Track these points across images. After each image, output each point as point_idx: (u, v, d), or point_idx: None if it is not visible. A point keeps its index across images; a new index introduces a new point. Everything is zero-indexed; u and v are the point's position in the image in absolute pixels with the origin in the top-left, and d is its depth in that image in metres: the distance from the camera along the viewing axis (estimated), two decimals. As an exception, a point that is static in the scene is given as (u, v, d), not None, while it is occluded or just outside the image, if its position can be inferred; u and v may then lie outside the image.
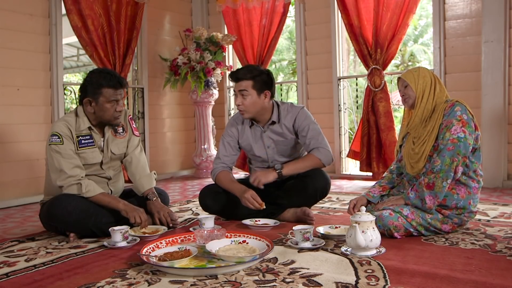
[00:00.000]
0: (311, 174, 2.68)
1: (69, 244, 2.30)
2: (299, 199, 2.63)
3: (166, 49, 5.04)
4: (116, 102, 2.44)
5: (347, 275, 1.70)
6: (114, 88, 2.41)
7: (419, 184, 2.18)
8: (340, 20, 4.53)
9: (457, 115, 2.15)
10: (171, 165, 5.23)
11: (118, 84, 2.42)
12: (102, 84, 2.40)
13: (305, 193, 2.63)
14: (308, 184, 2.63)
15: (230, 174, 2.74)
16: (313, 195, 2.67)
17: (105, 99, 2.41)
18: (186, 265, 1.84)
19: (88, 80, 2.44)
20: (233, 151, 2.79)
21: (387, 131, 4.10)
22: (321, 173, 2.69)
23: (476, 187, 2.24)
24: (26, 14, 3.77)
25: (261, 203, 2.46)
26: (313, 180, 2.64)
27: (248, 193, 2.48)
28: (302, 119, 2.70)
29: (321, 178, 2.67)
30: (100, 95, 2.40)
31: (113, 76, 2.43)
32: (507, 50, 3.72)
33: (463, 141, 2.11)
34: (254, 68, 2.67)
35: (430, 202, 2.14)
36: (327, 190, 2.71)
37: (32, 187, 3.77)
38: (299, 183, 2.65)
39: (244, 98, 2.61)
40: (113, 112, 2.44)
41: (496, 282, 1.59)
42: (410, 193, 2.20)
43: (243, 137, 2.79)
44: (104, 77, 2.41)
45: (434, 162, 2.14)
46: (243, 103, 2.62)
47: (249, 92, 2.60)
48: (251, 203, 2.46)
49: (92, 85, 2.41)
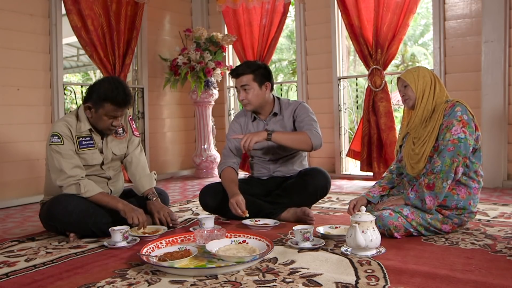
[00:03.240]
0: (311, 172, 2.70)
1: (69, 244, 2.30)
2: (299, 197, 2.64)
3: (166, 49, 5.05)
4: (114, 118, 2.41)
5: (347, 275, 1.70)
6: (118, 106, 2.37)
7: (419, 185, 2.17)
8: (340, 20, 4.53)
9: (457, 115, 2.15)
10: (171, 165, 5.23)
11: (123, 103, 2.37)
12: (107, 98, 2.34)
13: (306, 191, 2.64)
14: (309, 182, 2.64)
15: (233, 173, 2.75)
16: (314, 193, 2.68)
17: (104, 112, 2.38)
18: (186, 265, 1.84)
19: (96, 87, 2.40)
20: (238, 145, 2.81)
21: (388, 131, 4.10)
22: (321, 172, 2.72)
23: (476, 188, 2.24)
24: (26, 14, 3.77)
25: (244, 210, 2.50)
26: (314, 178, 2.66)
27: (234, 199, 2.52)
28: (302, 110, 2.77)
29: (321, 177, 2.68)
30: (101, 107, 2.37)
31: (121, 93, 2.35)
32: (507, 50, 3.72)
33: (464, 142, 2.11)
34: (252, 63, 2.79)
35: (430, 202, 2.14)
36: (327, 188, 2.72)
37: (32, 187, 3.77)
38: (299, 181, 2.67)
39: (247, 92, 2.69)
40: (108, 125, 2.42)
41: (496, 282, 1.59)
42: (410, 194, 2.19)
43: (246, 131, 2.84)
44: (112, 91, 2.34)
45: (435, 162, 2.14)
46: (246, 97, 2.69)
47: (250, 85, 2.69)
48: (234, 209, 2.51)
49: (98, 95, 2.37)
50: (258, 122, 2.83)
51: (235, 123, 2.90)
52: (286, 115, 2.78)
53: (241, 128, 2.87)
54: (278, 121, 2.78)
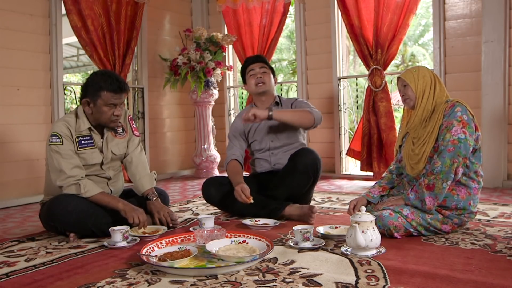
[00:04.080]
0: (299, 152, 2.75)
1: (69, 244, 2.30)
2: (292, 180, 2.67)
3: (166, 49, 5.05)
4: (114, 106, 2.42)
5: (347, 275, 1.70)
6: (114, 92, 2.39)
7: (419, 185, 2.17)
8: (340, 20, 4.53)
9: (457, 115, 2.14)
10: (171, 165, 5.23)
11: (118, 89, 2.40)
12: (102, 87, 2.38)
13: (297, 171, 2.67)
14: (298, 161, 2.68)
15: (239, 165, 2.85)
16: (305, 171, 2.68)
17: (103, 102, 2.39)
18: (186, 265, 1.84)
19: (89, 81, 2.44)
20: (241, 140, 2.96)
21: (388, 131, 4.10)
22: (309, 150, 2.77)
23: (476, 188, 2.23)
24: (26, 14, 3.77)
25: (249, 197, 2.56)
26: (302, 157, 2.70)
27: (239, 186, 2.59)
28: (300, 101, 2.97)
29: (310, 155, 2.72)
30: (98, 98, 2.39)
31: (115, 80, 2.41)
32: (507, 50, 3.72)
33: (464, 142, 2.11)
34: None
35: (430, 203, 2.14)
36: (317, 165, 2.72)
37: (32, 187, 3.77)
38: (289, 164, 2.74)
39: (264, 72, 2.90)
40: (110, 115, 2.43)
41: (496, 282, 1.59)
42: (410, 194, 2.19)
43: (248, 125, 2.93)
44: (105, 80, 2.39)
45: (435, 163, 2.13)
46: (263, 77, 2.89)
47: (267, 71, 2.92)
48: (239, 195, 2.56)
49: (93, 87, 2.41)
50: None
51: (237, 119, 3.01)
52: (285, 108, 2.92)
53: (244, 126, 2.95)
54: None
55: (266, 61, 2.97)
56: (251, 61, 2.95)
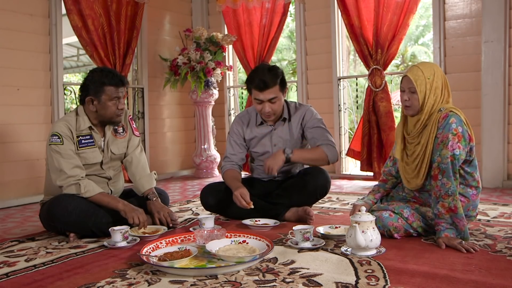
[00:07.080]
0: (311, 171, 2.70)
1: (69, 244, 2.30)
2: (299, 197, 2.63)
3: (166, 49, 5.05)
4: (118, 99, 2.46)
5: (347, 275, 1.70)
6: (116, 86, 2.44)
7: (438, 215, 2.05)
8: (340, 20, 4.53)
9: (452, 128, 2.03)
10: (171, 165, 5.23)
11: (120, 82, 2.46)
12: (104, 82, 2.42)
13: (305, 190, 2.63)
14: (309, 181, 2.64)
15: (236, 172, 2.75)
16: (313, 193, 2.67)
17: (107, 97, 2.43)
18: (186, 265, 1.84)
19: (89, 79, 2.47)
20: (240, 149, 2.80)
21: (388, 131, 4.10)
22: (321, 171, 2.71)
23: (474, 194, 2.18)
24: (26, 14, 3.77)
25: (249, 202, 2.49)
26: (314, 177, 2.66)
27: (238, 191, 2.51)
28: (310, 116, 2.72)
29: (321, 176, 2.68)
30: (102, 93, 2.43)
31: (115, 75, 2.47)
32: (507, 50, 3.72)
33: (457, 158, 2.03)
34: (272, 68, 2.61)
35: (462, 226, 2.04)
36: (327, 188, 2.71)
37: (32, 187, 3.77)
38: (299, 181, 2.67)
39: (274, 103, 2.58)
40: (115, 110, 2.47)
41: (496, 282, 1.59)
42: (440, 227, 2.06)
43: (250, 135, 2.79)
44: (106, 76, 2.44)
45: (445, 184, 2.02)
46: (272, 109, 2.59)
47: (278, 97, 2.58)
48: (238, 201, 2.50)
49: (94, 84, 2.44)
50: (265, 127, 2.76)
51: (237, 125, 2.82)
52: (294, 122, 2.73)
53: (243, 133, 2.80)
54: (286, 128, 2.73)
55: (276, 82, 2.53)
56: (260, 87, 2.52)
